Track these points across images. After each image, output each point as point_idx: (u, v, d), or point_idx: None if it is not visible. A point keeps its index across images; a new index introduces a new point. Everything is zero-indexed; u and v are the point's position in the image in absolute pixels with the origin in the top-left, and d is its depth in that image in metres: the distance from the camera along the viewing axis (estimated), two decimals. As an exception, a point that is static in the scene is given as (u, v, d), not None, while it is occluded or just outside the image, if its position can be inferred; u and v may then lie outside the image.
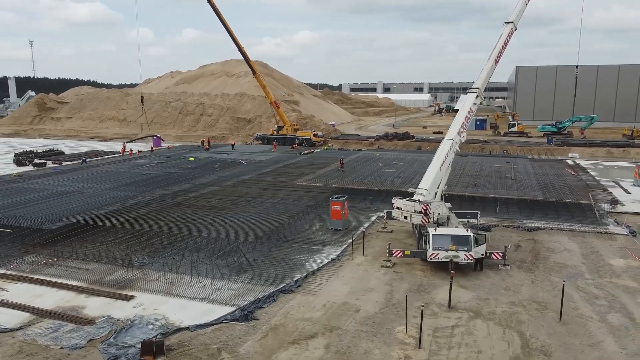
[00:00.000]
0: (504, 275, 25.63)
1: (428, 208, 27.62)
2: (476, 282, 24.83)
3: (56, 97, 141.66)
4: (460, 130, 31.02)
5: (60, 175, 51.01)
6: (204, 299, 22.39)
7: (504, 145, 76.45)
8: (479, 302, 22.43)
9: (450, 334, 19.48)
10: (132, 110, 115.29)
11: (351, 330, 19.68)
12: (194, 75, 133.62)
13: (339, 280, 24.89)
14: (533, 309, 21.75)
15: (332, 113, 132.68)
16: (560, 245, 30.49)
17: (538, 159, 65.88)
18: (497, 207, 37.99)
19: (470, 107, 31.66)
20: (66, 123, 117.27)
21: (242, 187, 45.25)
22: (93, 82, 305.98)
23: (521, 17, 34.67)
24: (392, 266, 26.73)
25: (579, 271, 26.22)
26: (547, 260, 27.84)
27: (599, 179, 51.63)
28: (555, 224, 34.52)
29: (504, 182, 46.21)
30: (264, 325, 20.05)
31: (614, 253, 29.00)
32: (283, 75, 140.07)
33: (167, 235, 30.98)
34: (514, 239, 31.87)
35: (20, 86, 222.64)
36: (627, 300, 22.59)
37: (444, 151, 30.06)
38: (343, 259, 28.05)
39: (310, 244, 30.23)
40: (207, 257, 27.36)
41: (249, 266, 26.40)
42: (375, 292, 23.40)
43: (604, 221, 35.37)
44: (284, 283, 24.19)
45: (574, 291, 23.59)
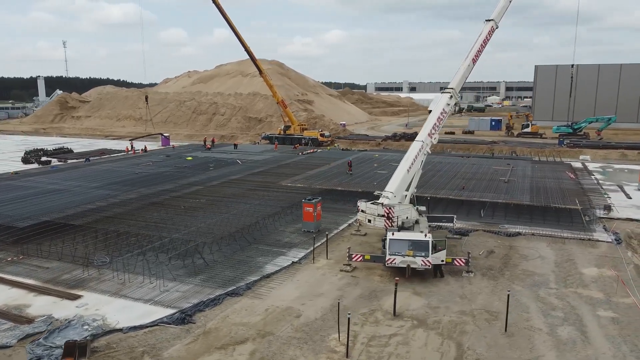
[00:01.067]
0: (464, 283, 24.76)
1: (391, 211, 26.92)
2: (433, 289, 24.04)
3: (78, 96, 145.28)
4: (432, 131, 30.17)
5: (56, 174, 52.09)
6: (149, 301, 22.31)
7: (513, 147, 74.44)
8: (428, 311, 21.69)
9: (385, 344, 18.85)
10: (149, 109, 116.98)
11: (284, 337, 19.26)
12: (210, 75, 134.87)
13: (292, 284, 24.48)
14: (482, 319, 20.89)
15: (347, 113, 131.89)
16: (535, 252, 29.33)
17: (541, 161, 63.83)
18: (481, 211, 36.83)
19: (443, 108, 30.75)
20: (85, 122, 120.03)
21: (227, 187, 45.22)
22: (123, 81, 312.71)
23: (503, 15, 33.50)
24: (351, 271, 26.15)
25: (545, 280, 25.12)
26: (516, 268, 26.79)
27: (602, 183, 49.68)
28: (538, 230, 33.25)
29: (495, 185, 44.84)
30: (198, 329, 19.82)
31: (590, 261, 27.71)
32: (299, 74, 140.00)
33: (135, 235, 31.10)
34: (490, 244, 30.84)
35: (55, 85, 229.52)
36: (585, 312, 21.48)
37: (412, 153, 29.27)
38: (305, 262, 27.62)
39: (277, 246, 29.89)
40: (167, 258, 27.31)
41: (206, 268, 26.23)
42: (324, 298, 22.90)
43: (591, 227, 33.89)
44: (234, 286, 23.91)
45: (532, 301, 22.60)
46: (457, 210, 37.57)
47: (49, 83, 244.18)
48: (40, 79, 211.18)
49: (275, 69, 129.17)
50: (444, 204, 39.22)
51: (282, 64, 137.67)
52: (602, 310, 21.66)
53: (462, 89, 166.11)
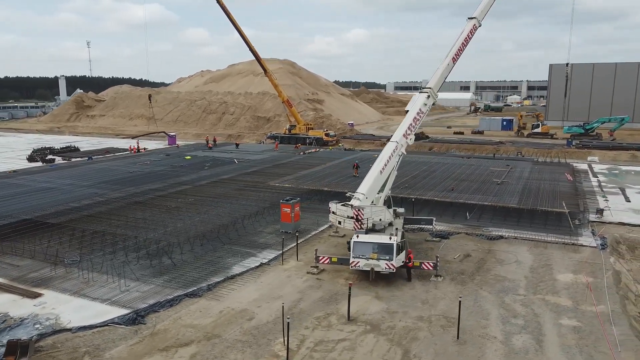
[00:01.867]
0: (430, 287, 24.19)
1: (360, 213, 26.46)
2: (396, 293, 23.56)
3: (94, 95, 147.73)
4: (407, 132, 29.60)
5: (52, 172, 52.94)
6: (106, 300, 22.36)
7: (520, 147, 72.89)
8: (385, 316, 21.23)
9: (330, 349, 18.50)
10: (160, 108, 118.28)
11: (230, 340, 19.06)
12: (222, 74, 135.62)
13: (254, 286, 24.26)
14: (439, 325, 20.34)
15: (359, 112, 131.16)
16: (513, 257, 28.54)
17: (544, 162, 62.28)
18: (467, 213, 36.04)
19: (420, 108, 30.15)
20: (99, 120, 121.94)
21: (214, 187, 45.24)
22: (145, 80, 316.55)
23: (487, 13, 32.68)
24: (317, 273, 25.82)
25: (515, 286, 24.38)
26: (488, 273, 26.09)
27: (604, 185, 48.23)
28: (522, 233, 32.37)
29: (486, 187, 43.82)
30: (146, 330, 19.75)
31: (567, 267, 26.82)
32: (310, 74, 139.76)
33: (110, 234, 31.27)
34: (468, 247, 30.14)
35: (78, 85, 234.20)
36: (548, 320, 20.75)
37: (386, 154, 28.74)
38: (274, 263, 27.38)
39: (250, 247, 29.72)
40: (135, 258, 27.37)
41: (173, 268, 26.20)
42: (282, 300, 22.58)
43: (578, 231, 32.84)
44: (195, 287, 23.82)
45: (495, 307, 21.93)
46: (443, 212, 36.88)
47: (73, 83, 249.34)
48: (62, 78, 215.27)
49: (287, 69, 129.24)
50: (430, 205, 38.54)
51: (293, 63, 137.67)
52: (566, 318, 20.90)
53: (481, 87, 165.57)
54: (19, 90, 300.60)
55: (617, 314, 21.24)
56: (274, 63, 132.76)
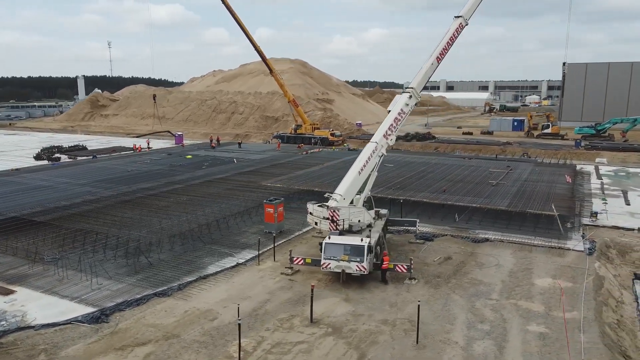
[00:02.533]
0: (401, 290, 23.86)
1: (335, 214, 26.23)
2: (367, 295, 23.28)
3: (109, 95, 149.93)
4: (388, 132, 29.23)
5: (53, 170, 53.81)
6: (75, 298, 22.56)
7: (527, 148, 71.63)
8: (350, 318, 20.99)
9: (286, 351, 18.34)
10: (171, 108, 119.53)
11: (188, 340, 19.04)
12: (233, 74, 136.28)
13: (225, 286, 24.24)
14: (402, 329, 20.02)
15: (370, 112, 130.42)
16: (495, 260, 28.00)
17: (547, 163, 61.05)
18: (456, 215, 35.50)
19: (401, 108, 29.75)
20: (112, 120, 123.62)
21: (206, 187, 45.34)
22: (164, 80, 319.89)
23: (474, 11, 32.08)
24: (291, 274, 25.69)
25: (490, 290, 23.89)
26: (465, 276, 25.62)
27: (606, 187, 47.07)
28: (509, 236, 31.77)
29: (480, 189, 43.07)
30: (107, 329, 19.85)
31: (548, 272, 26.19)
32: (322, 73, 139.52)
33: (93, 233, 31.53)
34: (451, 250, 29.68)
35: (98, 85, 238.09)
36: (515, 325, 20.27)
37: (365, 155, 28.45)
38: (251, 264, 27.34)
39: (230, 247, 29.72)
40: (113, 256, 27.57)
41: (149, 267, 26.32)
42: (249, 301, 22.54)
43: (568, 235, 32.07)
44: (166, 286, 23.88)
45: (463, 312, 21.51)
46: (433, 214, 36.40)
47: (94, 82, 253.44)
48: (80, 78, 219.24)
49: (298, 68, 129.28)
50: (421, 207, 38.01)
51: (305, 63, 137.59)
52: (534, 324, 20.38)
53: (500, 87, 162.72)
54: (42, 89, 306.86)
55: (589, 321, 20.64)
56: (285, 63, 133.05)
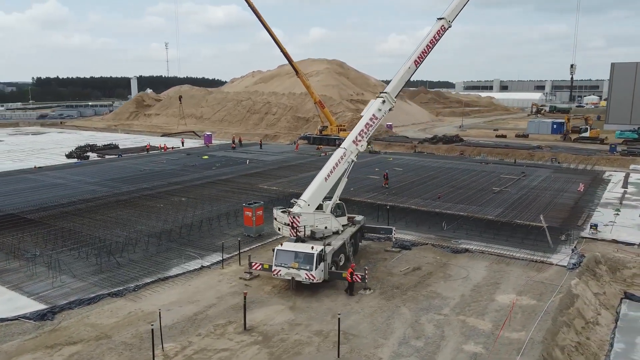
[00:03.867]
0: (352, 301, 23.37)
1: (295, 220, 26.02)
2: (314, 304, 22.98)
3: (155, 95, 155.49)
4: (358, 138, 28.67)
5: (74, 169, 56.42)
6: (34, 295, 23.61)
7: (557, 153, 68.14)
8: (285, 327, 20.79)
9: (207, 358, 18.40)
10: (209, 108, 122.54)
11: (117, 342, 19.49)
12: (271, 74, 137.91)
13: (180, 289, 24.61)
14: (332, 341, 19.60)
15: (406, 113, 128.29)
16: (465, 272, 26.90)
17: (572, 169, 57.79)
18: (443, 223, 34.32)
19: (373, 114, 29.11)
20: (154, 119, 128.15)
21: (205, 188, 46.01)
22: (217, 80, 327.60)
23: (458, 13, 30.85)
24: (249, 279, 25.76)
25: (443, 304, 22.96)
26: (425, 289, 24.76)
27: (628, 197, 43.98)
28: (492, 247, 30.43)
29: (479, 196, 41.28)
30: (49, 327, 20.64)
31: (515, 287, 24.87)
32: (360, 74, 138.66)
33: (76, 232, 32.71)
34: (424, 260, 28.78)
35: (152, 85, 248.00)
36: (451, 344, 19.39)
37: (333, 161, 28.06)
38: (216, 267, 27.61)
39: (204, 249, 30.12)
40: (87, 255, 28.58)
41: (117, 267, 27.11)
42: (194, 305, 22.80)
43: (556, 248, 30.30)
44: (123, 287, 24.52)
45: (405, 327, 20.81)
46: (423, 221, 35.35)
47: (150, 83, 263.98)
48: (134, 79, 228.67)
49: (334, 69, 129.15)
50: (411, 214, 36.93)
51: (342, 64, 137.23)
52: (472, 344, 19.42)
53: (557, 87, 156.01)
54: (102, 89, 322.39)
55: (534, 343, 19.42)
56: (322, 63, 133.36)
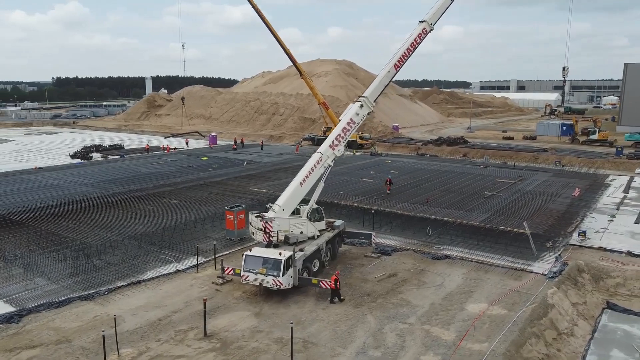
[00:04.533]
0: (319, 308, 23.19)
1: (268, 225, 25.91)
2: (280, 311, 22.85)
3: (166, 95, 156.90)
4: (335, 142, 28.41)
5: (73, 170, 57.11)
6: (5, 297, 23.90)
7: (562, 156, 66.88)
8: (246, 334, 20.70)
9: (160, 365, 18.41)
10: (218, 108, 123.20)
11: (76, 346, 19.61)
12: (280, 75, 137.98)
13: (150, 293, 24.69)
14: (287, 350, 19.39)
15: (415, 114, 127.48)
16: (441, 279, 26.51)
17: (569, 172, 56.57)
18: (428, 228, 33.87)
19: (351, 118, 28.84)
20: (164, 119, 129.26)
21: (195, 190, 45.98)
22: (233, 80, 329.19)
23: (440, 16, 30.37)
24: (221, 284, 25.74)
25: (411, 313, 22.63)
26: (396, 296, 24.45)
27: (627, 203, 42.90)
28: (473, 254, 29.96)
29: (468, 201, 40.58)
30: (12, 330, 20.85)
31: (489, 296, 24.42)
32: (369, 74, 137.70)
33: (57, 234, 33.03)
34: (402, 266, 28.45)
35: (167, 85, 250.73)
36: (410, 355, 19.09)
37: (309, 165, 27.86)
38: (191, 271, 27.64)
39: (183, 253, 30.13)
40: (64, 258, 28.83)
41: (93, 269, 27.30)
42: (161, 310, 22.85)
43: (539, 256, 29.69)
44: (95, 290, 24.68)
45: (366, 336, 20.56)
46: (408, 226, 34.94)
47: (167, 82, 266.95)
48: (148, 79, 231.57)
49: (343, 69, 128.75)
50: (398, 219, 36.43)
51: (352, 64, 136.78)
52: (431, 354, 19.10)
53: (576, 87, 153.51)
54: (118, 89, 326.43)
55: (496, 355, 19.00)
56: (330, 64, 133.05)
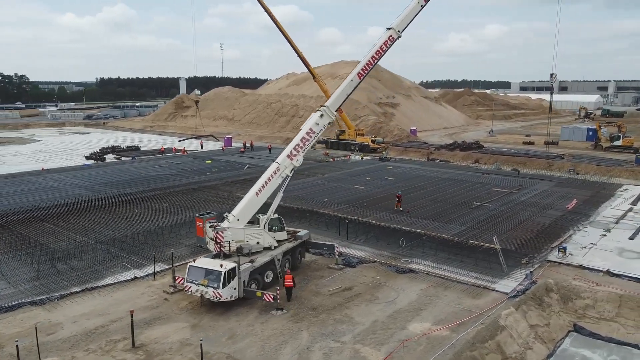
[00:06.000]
0: (257, 321, 22.94)
1: (219, 235, 25.83)
2: (220, 323, 22.78)
3: (194, 96, 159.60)
4: (293, 153, 28.00)
5: (78, 172, 58.75)
6: (-40, 300, 24.71)
7: (577, 163, 64.00)
8: (174, 347, 20.70)
9: (77, 375, 18.60)
10: (240, 110, 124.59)
11: (5, 353, 20.09)
12: (304, 77, 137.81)
13: (99, 301, 25.05)
14: (211, 365, 19.30)
15: (439, 116, 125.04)
16: (395, 295, 25.80)
17: (574, 181, 53.90)
18: (401, 240, 33.00)
19: (310, 128, 28.38)
20: (189, 121, 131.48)
21: (186, 195, 46.44)
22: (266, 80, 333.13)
23: (408, 24, 29.46)
24: (171, 293, 25.86)
25: (349, 330, 22.08)
26: (341, 312, 23.92)
27: (631, 217, 40.55)
28: (440, 268, 28.99)
29: (453, 211, 39.11)
30: (-48, 334, 21.53)
31: (437, 315, 23.54)
32: (393, 76, 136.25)
33: (31, 238, 33.93)
34: (364, 279, 27.87)
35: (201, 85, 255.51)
36: (328, 376, 18.57)
37: (265, 176, 27.56)
38: (148, 278, 27.89)
39: (147, 259, 30.34)
40: (31, 261, 29.63)
41: (55, 274, 27.96)
42: (103, 318, 23.16)
43: (509, 272, 28.43)
44: (48, 295, 25.24)
45: (292, 354, 20.22)
46: (384, 237, 34.09)
47: (204, 83, 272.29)
48: (182, 79, 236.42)
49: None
50: (375, 229, 35.57)
51: (376, 66, 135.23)
52: (349, 376, 18.52)
53: (622, 88, 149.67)
54: (158, 89, 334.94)
55: (418, 380, 18.27)
56: (353, 65, 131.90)
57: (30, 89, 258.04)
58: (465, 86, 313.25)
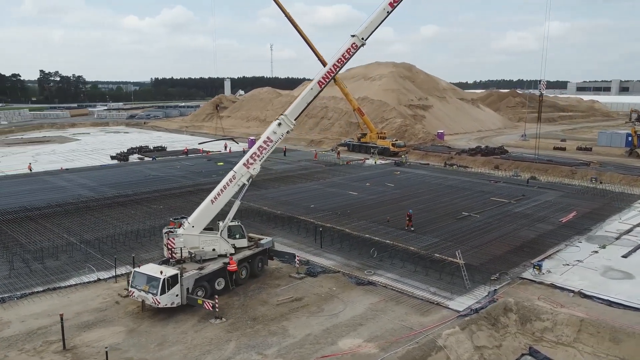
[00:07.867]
0: (193, 329, 23.19)
1: (171, 242, 26.30)
2: (156, 329, 23.21)
3: (232, 97, 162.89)
4: (250, 161, 28.01)
5: (93, 172, 61.15)
6: None
7: (602, 172, 60.48)
8: (101, 351, 21.15)
9: (1, 374, 19.51)
10: (273, 111, 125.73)
11: (-53, 349, 21.30)
12: (337, 78, 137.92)
13: (55, 301, 26.09)
14: (128, 371, 19.74)
15: (474, 119, 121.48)
16: (342, 308, 25.46)
17: (584, 192, 50.59)
18: (372, 250, 32.40)
19: (268, 136, 28.28)
20: (225, 121, 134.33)
21: (181, 197, 47.31)
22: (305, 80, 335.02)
23: (372, 32, 28.75)
24: (125, 296, 26.48)
25: (277, 343, 21.95)
26: (279, 323, 23.81)
27: (637, 233, 37.96)
28: (402, 281, 28.29)
29: (436, 221, 37.83)
30: None
31: (374, 332, 22.97)
32: (429, 77, 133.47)
33: (13, 238, 35.56)
34: (320, 290, 27.67)
35: (246, 86, 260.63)
36: (234, 389, 18.55)
37: (221, 184, 27.77)
38: (111, 281, 28.78)
39: (121, 261, 31.17)
40: (13, 260, 31.23)
41: (28, 274, 29.38)
42: (49, 319, 24.07)
43: (472, 289, 27.32)
44: (10, 294, 26.57)
45: (210, 364, 20.27)
46: (356, 246, 33.51)
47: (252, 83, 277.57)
48: (227, 80, 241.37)
49: (399, 72, 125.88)
50: (350, 239, 34.98)
51: (411, 67, 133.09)
52: (254, 392, 18.42)
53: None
54: (207, 89, 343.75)
55: (321, 399, 17.93)
56: (387, 67, 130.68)
57: (89, 89, 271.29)
58: (519, 86, 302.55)
